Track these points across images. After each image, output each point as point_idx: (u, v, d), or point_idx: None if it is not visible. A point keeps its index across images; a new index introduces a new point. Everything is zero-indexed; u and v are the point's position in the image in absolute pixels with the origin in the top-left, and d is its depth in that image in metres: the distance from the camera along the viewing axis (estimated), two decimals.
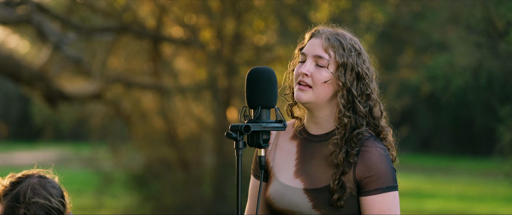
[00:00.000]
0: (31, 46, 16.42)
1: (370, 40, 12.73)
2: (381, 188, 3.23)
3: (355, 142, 3.25)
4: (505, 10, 8.22)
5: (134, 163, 14.80)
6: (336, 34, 3.31)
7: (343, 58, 3.26)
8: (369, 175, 3.23)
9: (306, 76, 3.27)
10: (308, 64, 3.28)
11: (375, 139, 3.28)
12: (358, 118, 3.27)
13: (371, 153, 3.24)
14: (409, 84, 14.60)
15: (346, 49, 3.28)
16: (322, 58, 3.27)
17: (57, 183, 3.42)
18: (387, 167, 3.24)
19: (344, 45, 3.28)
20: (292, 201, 3.29)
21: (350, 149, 3.24)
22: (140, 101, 14.38)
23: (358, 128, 3.26)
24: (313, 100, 3.28)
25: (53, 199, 3.35)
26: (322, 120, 3.33)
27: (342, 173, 3.23)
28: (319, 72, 3.27)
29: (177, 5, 13.36)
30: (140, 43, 14.07)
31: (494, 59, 8.73)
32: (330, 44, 3.28)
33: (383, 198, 3.23)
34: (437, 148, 29.58)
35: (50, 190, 3.36)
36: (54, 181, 3.42)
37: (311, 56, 3.29)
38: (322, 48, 3.28)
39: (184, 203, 13.36)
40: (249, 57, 13.00)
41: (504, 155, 8.81)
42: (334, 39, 3.29)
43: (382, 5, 13.04)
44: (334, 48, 3.27)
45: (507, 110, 8.63)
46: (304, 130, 3.38)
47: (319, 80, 3.26)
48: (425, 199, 18.00)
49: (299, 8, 12.73)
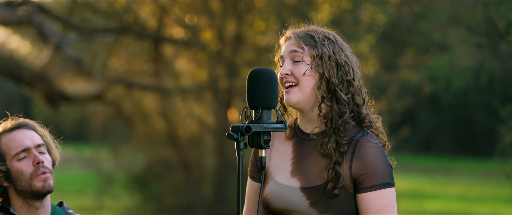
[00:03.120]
0: (32, 47, 16.43)
1: (371, 41, 12.73)
2: (378, 185, 3.24)
3: (343, 131, 3.27)
4: (506, 10, 8.22)
5: (135, 163, 14.80)
6: (307, 30, 3.37)
7: (316, 48, 3.31)
8: (365, 172, 3.25)
9: (288, 76, 3.31)
10: (286, 64, 3.34)
11: (370, 136, 3.29)
12: (341, 106, 3.30)
13: (367, 149, 3.25)
14: (410, 85, 14.58)
15: (318, 40, 3.33)
16: (296, 52, 3.32)
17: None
18: (384, 164, 3.26)
19: (316, 37, 3.34)
20: (289, 200, 3.30)
21: (339, 138, 3.26)
22: (141, 102, 14.38)
23: (342, 115, 3.28)
24: (301, 98, 3.30)
25: None
26: (313, 117, 3.34)
27: (335, 163, 3.24)
28: (297, 67, 3.31)
29: (178, 5, 13.36)
30: (141, 44, 14.08)
31: (495, 60, 8.73)
32: (301, 39, 3.34)
33: (380, 194, 3.24)
34: (438, 149, 29.57)
35: None
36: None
37: (287, 56, 3.35)
38: (295, 45, 3.34)
39: (185, 203, 13.36)
40: (250, 58, 13.01)
41: (505, 156, 8.81)
42: (305, 34, 3.35)
43: (383, 5, 13.03)
44: (305, 42, 3.33)
45: (508, 111, 8.63)
46: (299, 129, 3.40)
47: (299, 74, 3.30)
48: (426, 199, 18.00)
49: (300, 8, 12.73)
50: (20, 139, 3.54)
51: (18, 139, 3.54)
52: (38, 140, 3.57)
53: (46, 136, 3.63)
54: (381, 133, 3.37)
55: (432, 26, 12.51)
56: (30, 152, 3.53)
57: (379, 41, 14.38)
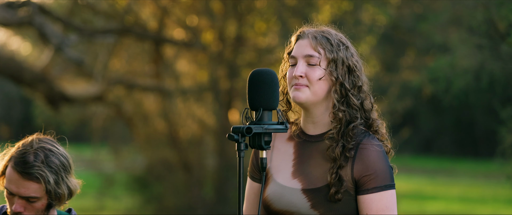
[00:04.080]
0: (33, 48, 16.44)
1: (372, 42, 12.73)
2: (379, 187, 3.24)
3: (351, 136, 3.27)
4: (507, 12, 8.21)
5: (135, 164, 14.80)
6: (321, 32, 3.35)
7: (332, 53, 3.30)
8: (367, 174, 3.25)
9: (301, 78, 3.29)
10: (300, 66, 3.31)
11: (372, 138, 3.29)
12: (352, 111, 3.30)
13: (369, 151, 3.26)
14: (410, 86, 14.58)
15: (334, 44, 3.31)
16: (312, 57, 3.30)
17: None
18: (385, 166, 3.26)
19: (332, 41, 3.32)
20: (290, 201, 3.30)
21: (346, 143, 3.26)
22: (141, 103, 14.38)
23: (352, 121, 3.28)
24: (310, 99, 3.29)
25: (58, 146, 3.55)
26: (318, 118, 3.34)
27: (339, 167, 3.24)
28: (313, 71, 3.29)
29: (178, 7, 13.36)
30: (141, 45, 14.07)
31: (496, 61, 8.72)
32: (318, 42, 3.31)
33: (381, 196, 3.24)
34: (439, 150, 29.57)
35: (54, 143, 3.57)
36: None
37: (301, 57, 3.32)
38: (311, 47, 3.32)
39: (185, 204, 13.36)
40: (251, 59, 13.01)
41: (506, 157, 8.80)
42: (321, 37, 3.32)
43: (383, 6, 13.04)
44: (322, 45, 3.31)
45: (509, 112, 8.62)
46: (301, 131, 3.39)
47: (314, 78, 3.28)
48: (426, 200, 18.00)
49: (300, 9, 12.73)
50: (14, 181, 3.45)
51: (12, 180, 3.46)
52: (31, 192, 3.44)
53: (49, 181, 3.46)
54: (386, 139, 3.37)
55: (433, 27, 12.51)
56: (14, 198, 3.46)
57: (379, 42, 14.39)
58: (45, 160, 3.46)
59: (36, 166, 3.44)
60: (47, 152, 3.49)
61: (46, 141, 3.55)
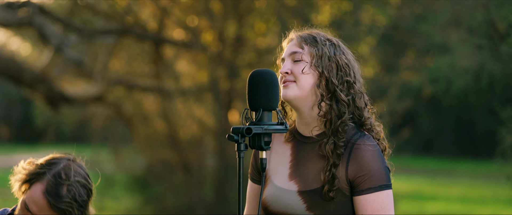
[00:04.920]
0: (33, 49, 16.44)
1: (372, 43, 12.72)
2: (374, 187, 3.24)
3: (341, 132, 3.26)
4: (507, 12, 8.22)
5: (135, 165, 14.80)
6: (309, 32, 3.39)
7: (316, 48, 3.32)
8: (361, 174, 3.24)
9: (287, 75, 3.31)
10: (286, 63, 3.35)
11: (367, 138, 3.29)
12: (340, 106, 3.29)
13: (363, 152, 3.25)
14: (410, 86, 14.59)
15: (319, 41, 3.34)
16: (296, 53, 3.34)
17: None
18: (380, 166, 3.25)
19: (318, 38, 3.35)
20: (286, 203, 3.31)
21: (337, 140, 3.26)
22: (141, 103, 14.38)
23: (341, 116, 3.28)
24: (298, 95, 3.30)
25: (90, 180, 3.51)
26: (311, 119, 3.34)
27: (332, 164, 3.24)
28: (297, 65, 3.32)
29: (178, 7, 13.36)
30: (141, 46, 14.07)
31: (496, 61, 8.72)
32: (302, 39, 3.36)
33: (376, 197, 3.24)
34: (439, 150, 29.57)
35: (86, 171, 3.52)
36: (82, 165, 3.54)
37: (287, 56, 3.36)
38: (295, 45, 3.36)
39: (185, 205, 13.36)
40: (251, 59, 13.00)
41: (506, 157, 8.80)
42: (307, 35, 3.37)
43: (383, 7, 13.04)
44: (306, 42, 3.35)
45: (509, 112, 8.62)
46: (297, 132, 3.39)
47: (298, 72, 3.30)
48: (426, 201, 18.00)
49: (300, 10, 12.73)
50: (39, 206, 3.38)
51: (38, 204, 3.40)
52: (42, 212, 3.41)
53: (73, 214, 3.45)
54: (382, 138, 3.37)
55: (433, 27, 12.52)
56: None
57: (379, 43, 14.39)
58: (76, 197, 3.43)
59: (67, 202, 3.40)
60: (81, 187, 3.45)
61: (81, 173, 3.49)
